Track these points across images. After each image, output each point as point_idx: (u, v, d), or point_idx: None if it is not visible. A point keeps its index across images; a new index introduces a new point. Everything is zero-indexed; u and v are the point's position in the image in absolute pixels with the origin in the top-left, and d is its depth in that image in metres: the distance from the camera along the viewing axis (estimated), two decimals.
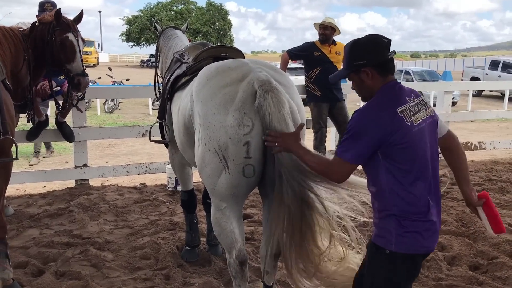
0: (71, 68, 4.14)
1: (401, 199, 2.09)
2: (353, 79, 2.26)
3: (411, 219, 2.08)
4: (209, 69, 2.74)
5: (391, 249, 2.09)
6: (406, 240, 2.08)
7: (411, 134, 2.08)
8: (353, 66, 2.19)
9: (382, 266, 2.15)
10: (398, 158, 2.08)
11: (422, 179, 2.11)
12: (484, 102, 20.26)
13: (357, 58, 2.17)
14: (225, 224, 2.59)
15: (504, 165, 7.30)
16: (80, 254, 3.89)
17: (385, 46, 2.18)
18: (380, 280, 2.15)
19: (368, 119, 2.08)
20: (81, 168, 5.84)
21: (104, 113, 15.30)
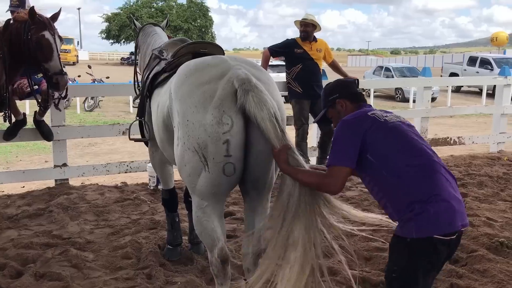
0: (48, 67, 4.07)
1: (409, 189, 2.17)
2: (331, 115, 2.54)
3: (424, 203, 2.13)
4: (187, 66, 2.72)
5: (412, 236, 2.13)
6: (425, 225, 2.12)
7: (388, 126, 2.28)
8: (328, 101, 2.52)
9: (403, 254, 2.19)
10: (387, 151, 2.22)
11: (421, 165, 2.21)
12: (463, 97, 20.56)
13: (331, 94, 2.52)
14: (207, 223, 2.57)
15: (483, 160, 7.42)
16: (60, 255, 3.83)
17: (352, 82, 2.57)
18: (401, 268, 2.20)
19: (347, 125, 2.31)
20: (60, 168, 5.75)
21: (84, 111, 15.12)
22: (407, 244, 2.16)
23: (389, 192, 2.23)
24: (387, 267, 2.32)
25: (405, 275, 2.19)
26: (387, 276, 2.30)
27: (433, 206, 2.12)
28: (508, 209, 5.00)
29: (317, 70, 6.29)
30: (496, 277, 3.43)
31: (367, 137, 2.23)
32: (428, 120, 7.72)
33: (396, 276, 2.21)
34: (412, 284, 2.19)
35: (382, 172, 2.21)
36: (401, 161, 2.20)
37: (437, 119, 12.96)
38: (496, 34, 35.84)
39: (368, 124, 2.26)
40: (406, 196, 2.17)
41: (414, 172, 2.18)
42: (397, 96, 19.92)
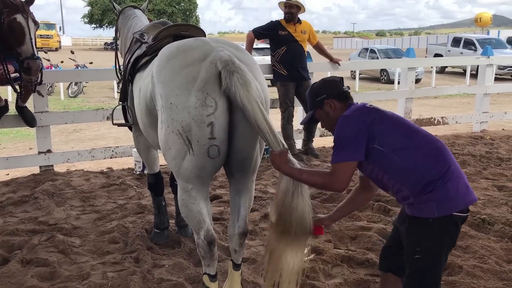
0: (20, 51, 4.00)
1: (425, 170, 2.19)
2: (320, 116, 2.47)
3: (443, 179, 2.17)
4: (169, 48, 2.69)
5: (435, 216, 2.16)
6: (446, 203, 2.16)
7: (389, 114, 2.33)
8: (316, 102, 2.44)
9: (426, 235, 2.21)
10: (395, 138, 2.24)
11: (430, 145, 2.26)
12: (447, 78, 20.70)
13: (318, 94, 2.44)
14: (192, 205, 2.58)
15: (466, 139, 7.52)
16: (47, 241, 3.83)
17: (337, 81, 2.49)
18: (425, 248, 2.22)
19: (351, 120, 2.29)
20: (45, 154, 5.71)
21: (68, 98, 14.95)
22: (430, 225, 2.19)
23: (403, 177, 2.23)
24: (408, 249, 2.30)
25: (431, 255, 2.22)
26: (408, 259, 2.29)
27: (451, 183, 2.17)
28: (490, 187, 5.09)
29: (302, 52, 6.28)
30: (478, 253, 3.51)
31: (373, 128, 2.23)
32: (412, 101, 7.78)
33: (420, 257, 2.22)
34: (437, 263, 2.24)
35: (394, 158, 2.21)
36: (410, 145, 2.24)
37: (421, 100, 13.07)
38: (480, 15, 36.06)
39: (372, 116, 2.27)
40: (423, 176, 2.19)
41: (426, 152, 2.23)
42: (382, 78, 20.00)
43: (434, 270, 2.25)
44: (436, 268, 2.25)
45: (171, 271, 3.38)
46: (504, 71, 18.98)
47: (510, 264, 3.43)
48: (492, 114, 8.65)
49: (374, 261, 3.42)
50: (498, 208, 4.46)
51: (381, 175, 2.30)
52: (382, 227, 3.99)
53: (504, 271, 3.27)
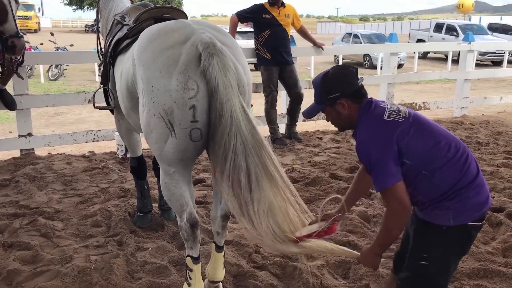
0: (3, 29, 3.92)
1: (448, 179, 2.06)
2: (328, 113, 2.26)
3: (464, 189, 2.07)
4: (150, 31, 2.66)
5: (450, 224, 2.06)
6: (463, 212, 2.06)
7: (409, 124, 2.11)
8: (327, 100, 2.20)
9: (437, 242, 2.11)
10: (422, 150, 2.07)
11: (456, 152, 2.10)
12: (429, 64, 20.89)
13: (330, 91, 2.18)
14: (175, 188, 2.58)
15: (446, 124, 7.63)
16: (29, 225, 3.80)
17: (354, 75, 2.20)
18: (434, 256, 2.12)
19: (375, 143, 2.09)
20: (25, 138, 5.63)
21: (48, 80, 14.71)
22: (442, 232, 2.09)
23: (422, 186, 2.10)
24: (414, 252, 2.19)
25: (438, 264, 2.12)
26: (412, 261, 2.19)
27: (473, 193, 2.07)
28: None
29: (286, 36, 6.26)
30: None
31: (399, 143, 2.06)
32: (394, 86, 7.84)
33: (427, 264, 2.12)
34: (444, 272, 2.14)
35: (422, 172, 2.07)
36: (437, 155, 2.08)
37: (404, 85, 13.19)
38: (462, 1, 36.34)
39: (393, 130, 2.07)
40: (444, 186, 2.07)
41: (455, 163, 2.08)
42: (365, 63, 20.08)
43: (440, 278, 2.16)
44: (443, 277, 2.16)
45: (155, 254, 3.39)
46: (484, 57, 19.22)
47: (487, 245, 3.52)
48: (472, 100, 8.77)
49: (355, 243, 3.48)
50: None
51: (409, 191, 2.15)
52: (364, 210, 4.05)
53: (480, 252, 3.36)
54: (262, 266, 3.21)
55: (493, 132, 7.11)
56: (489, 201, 2.15)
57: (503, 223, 3.80)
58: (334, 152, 5.95)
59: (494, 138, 6.73)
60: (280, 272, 3.16)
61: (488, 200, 2.14)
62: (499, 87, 13.90)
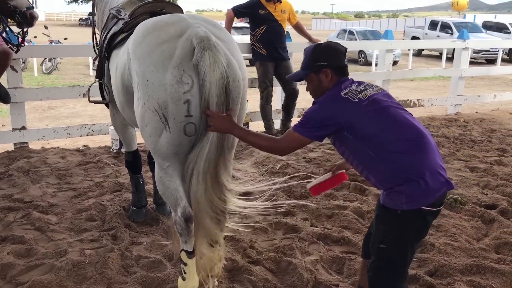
0: (16, 4, 4.04)
1: (399, 165, 2.15)
2: (311, 79, 2.40)
3: (415, 176, 2.13)
4: (145, 25, 2.65)
5: (403, 208, 2.15)
6: (416, 198, 2.14)
7: (362, 106, 2.22)
8: (314, 66, 2.36)
9: (393, 226, 2.21)
10: (370, 131, 2.18)
11: (410, 140, 2.18)
12: (424, 61, 20.94)
13: (319, 59, 2.36)
14: (169, 182, 2.59)
15: (441, 121, 7.66)
16: (23, 218, 3.79)
17: (343, 52, 2.41)
18: (391, 239, 2.22)
19: (324, 105, 2.29)
20: (19, 131, 5.60)
21: (41, 74, 14.63)
22: (397, 216, 2.18)
23: (373, 167, 2.23)
24: (375, 236, 2.31)
25: (395, 246, 2.22)
26: (373, 246, 2.30)
27: (424, 179, 2.13)
28: (463, 168, 5.23)
29: (282, 32, 6.26)
30: (450, 231, 3.62)
31: (342, 121, 2.20)
32: (389, 83, 7.86)
33: (385, 247, 2.23)
34: (401, 255, 2.23)
35: (367, 151, 2.19)
36: (387, 139, 2.17)
37: (398, 82, 13.22)
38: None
39: (342, 110, 2.22)
40: (395, 170, 2.16)
41: (404, 148, 2.16)
42: (360, 60, 20.10)
43: (398, 261, 2.25)
44: (401, 260, 2.25)
45: (149, 248, 3.40)
46: (479, 55, 19.30)
47: (480, 242, 3.55)
48: (466, 97, 8.82)
49: (349, 239, 3.50)
50: (469, 188, 4.59)
51: (349, 158, 2.33)
52: (358, 206, 4.07)
53: (474, 248, 3.39)
54: (256, 261, 3.22)
55: (487, 130, 7.16)
56: (445, 186, 2.19)
57: (496, 219, 3.84)
58: (328, 148, 5.96)
59: (488, 135, 6.77)
60: (274, 267, 3.17)
61: (444, 185, 2.19)
62: (493, 85, 13.97)
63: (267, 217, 3.90)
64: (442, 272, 3.09)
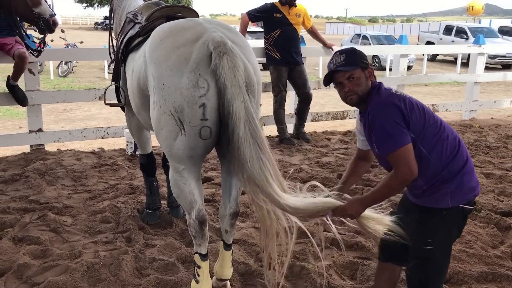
0: (40, 11, 4.25)
1: (444, 161, 2.21)
2: (358, 76, 2.33)
3: (459, 172, 2.21)
4: (162, 29, 2.68)
5: (449, 206, 2.20)
6: (460, 196, 2.21)
7: (414, 101, 2.28)
8: (362, 62, 2.35)
9: (439, 226, 2.24)
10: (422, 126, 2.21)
11: (450, 137, 2.25)
12: (438, 66, 20.79)
13: (363, 58, 2.37)
14: (184, 185, 2.60)
15: (455, 127, 7.59)
16: (38, 219, 3.83)
17: None
18: (438, 239, 2.24)
19: (391, 107, 2.21)
20: (35, 133, 5.68)
21: (57, 77, 14.82)
22: (442, 216, 2.22)
23: (423, 167, 2.21)
24: (418, 240, 2.27)
25: (443, 246, 2.25)
26: (417, 249, 2.28)
27: (466, 177, 2.22)
28: (478, 174, 5.16)
29: (296, 36, 6.27)
30: (464, 238, 3.58)
31: (406, 116, 2.19)
32: (403, 88, 7.82)
33: (432, 249, 2.23)
34: (447, 253, 2.30)
35: (421, 148, 2.20)
36: (435, 135, 2.22)
37: (412, 88, 13.14)
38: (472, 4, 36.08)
39: (404, 104, 2.22)
40: (443, 169, 2.20)
41: (450, 145, 2.23)
42: (374, 64, 20.01)
43: (446, 260, 2.30)
44: (446, 258, 2.30)
45: (163, 251, 3.41)
46: (494, 60, 19.12)
47: (495, 249, 3.50)
48: (482, 103, 8.73)
49: (362, 245, 3.48)
50: (485, 195, 4.54)
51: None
52: None
53: (489, 256, 3.35)
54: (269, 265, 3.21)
55: (503, 136, 7.07)
56: (479, 188, 2.31)
57: None
58: (342, 153, 5.95)
59: (504, 141, 6.69)
60: (287, 272, 3.14)
61: (478, 186, 2.30)
62: (509, 91, 13.82)
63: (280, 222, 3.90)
64: (457, 280, 3.06)
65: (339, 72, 2.33)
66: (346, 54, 2.36)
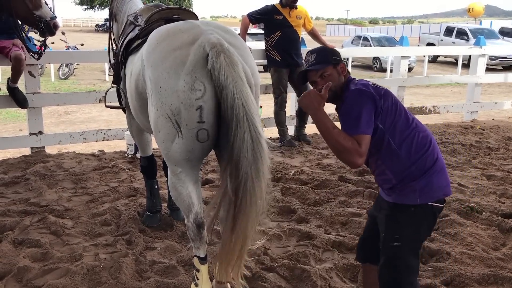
0: (41, 14, 4.26)
1: (413, 157, 2.21)
2: (328, 73, 2.35)
3: (428, 170, 2.21)
4: (159, 32, 2.68)
5: (416, 203, 2.20)
6: (429, 193, 2.21)
7: (390, 94, 2.30)
8: (333, 59, 2.38)
9: (407, 223, 2.24)
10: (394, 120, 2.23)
11: (423, 133, 2.26)
12: (439, 67, 20.79)
13: (334, 54, 2.40)
14: (181, 188, 2.59)
15: (456, 128, 7.59)
16: (39, 222, 3.83)
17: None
18: (405, 236, 2.23)
19: (365, 94, 2.23)
20: (36, 135, 5.68)
21: (58, 79, 14.83)
22: (410, 212, 2.22)
23: (392, 160, 2.24)
24: (386, 236, 2.29)
25: (410, 243, 2.24)
26: (385, 245, 2.29)
27: (435, 175, 2.21)
28: (479, 176, 5.16)
29: (297, 38, 6.26)
30: (466, 240, 3.57)
31: (379, 105, 2.22)
32: (404, 89, 7.82)
33: (400, 245, 2.23)
34: (416, 252, 2.27)
35: (390, 141, 2.22)
36: (410, 130, 2.24)
37: (413, 89, 13.14)
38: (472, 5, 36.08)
39: (377, 94, 2.24)
40: (412, 165, 2.21)
41: (419, 140, 2.23)
42: (375, 66, 20.02)
43: (414, 258, 2.26)
44: (416, 256, 2.27)
45: (163, 253, 3.40)
46: (495, 61, 19.11)
47: (497, 251, 3.49)
48: (483, 104, 8.72)
49: None
50: (486, 196, 4.53)
51: (372, 154, 2.29)
52: None
53: (491, 258, 3.33)
54: (270, 268, 3.21)
55: (504, 137, 7.06)
56: (449, 186, 2.30)
57: None
58: None
59: (505, 143, 6.68)
60: (288, 274, 3.15)
61: (448, 186, 2.30)
62: (510, 92, 13.81)
63: (281, 224, 3.90)
64: (458, 282, 3.05)
65: (311, 71, 2.38)
66: (317, 53, 2.41)
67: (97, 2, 50.59)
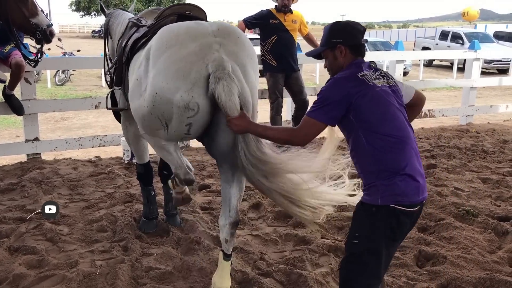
0: (37, 21, 4.27)
1: (381, 158, 2.20)
2: (327, 56, 2.43)
3: (394, 174, 2.18)
4: (171, 32, 2.66)
5: (378, 203, 2.18)
6: (391, 195, 2.17)
7: (375, 91, 2.25)
8: (330, 42, 2.39)
9: (366, 221, 2.23)
10: (370, 117, 2.21)
11: (398, 137, 2.22)
12: (435, 71, 20.84)
13: (335, 36, 2.38)
14: (168, 154, 2.85)
15: (452, 132, 7.61)
16: (35, 229, 3.81)
17: (361, 31, 2.42)
18: (364, 234, 2.22)
19: (337, 84, 2.28)
20: (32, 142, 5.67)
21: (55, 85, 14.78)
22: (371, 212, 2.20)
23: (362, 156, 2.25)
24: (349, 232, 2.33)
25: (367, 242, 2.21)
26: (347, 242, 2.32)
27: (401, 178, 2.17)
28: (475, 179, 5.17)
29: (292, 42, 6.27)
30: (462, 243, 3.58)
31: (353, 101, 2.21)
32: None
33: (357, 243, 2.23)
34: (373, 252, 2.21)
35: (361, 137, 2.21)
36: (380, 130, 2.21)
37: None
38: (467, 9, 36.29)
39: (356, 89, 2.23)
40: (377, 164, 2.20)
41: (390, 143, 2.20)
42: None
43: (369, 258, 2.21)
44: (372, 257, 2.21)
45: (160, 259, 3.40)
46: (490, 65, 19.16)
47: (493, 254, 3.50)
48: (478, 108, 8.75)
49: None
50: (482, 200, 4.55)
51: (350, 147, 2.33)
52: None
53: (487, 261, 3.34)
54: (266, 273, 3.21)
55: (499, 141, 7.08)
56: (421, 196, 2.23)
57: (509, 232, 3.78)
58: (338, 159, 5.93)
59: (500, 146, 6.70)
60: (284, 279, 3.15)
61: (417, 196, 2.21)
62: (505, 95, 13.86)
63: (277, 229, 3.90)
64: (454, 285, 3.05)
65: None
66: (323, 33, 2.45)
67: (94, 8, 50.55)
